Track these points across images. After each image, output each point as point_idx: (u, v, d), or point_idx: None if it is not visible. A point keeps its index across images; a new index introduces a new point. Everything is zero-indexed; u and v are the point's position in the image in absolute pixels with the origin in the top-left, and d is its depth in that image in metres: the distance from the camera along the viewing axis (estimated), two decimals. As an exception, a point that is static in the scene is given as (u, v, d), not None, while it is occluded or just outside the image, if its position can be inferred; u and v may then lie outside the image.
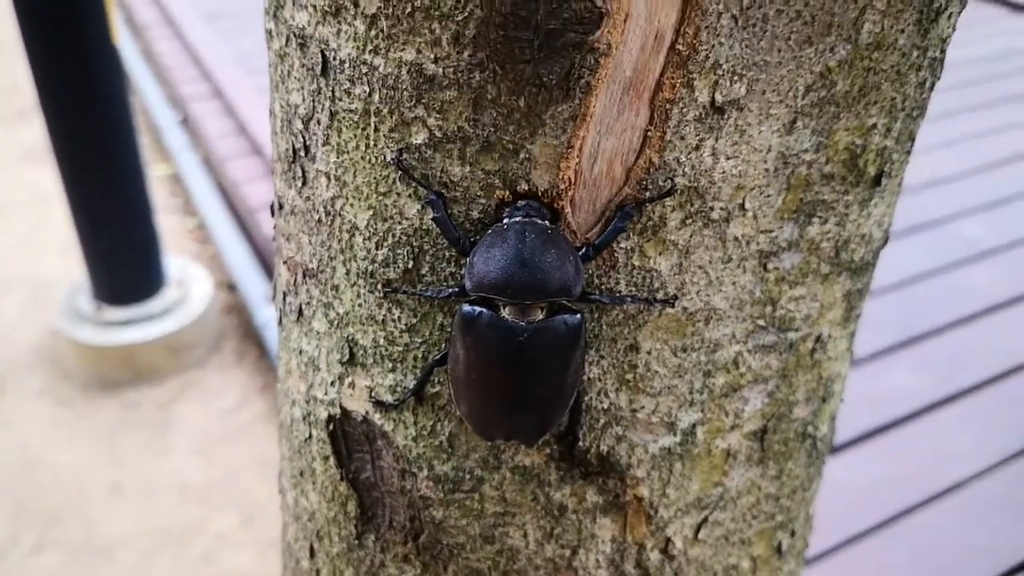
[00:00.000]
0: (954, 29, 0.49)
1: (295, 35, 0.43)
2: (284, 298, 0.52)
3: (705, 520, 0.53)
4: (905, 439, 2.17)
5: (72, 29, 2.25)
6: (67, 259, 3.23)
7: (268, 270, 3.01)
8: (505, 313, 0.41)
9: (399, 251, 0.44)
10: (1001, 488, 2.02)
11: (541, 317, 0.41)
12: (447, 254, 0.43)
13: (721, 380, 0.49)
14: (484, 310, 0.41)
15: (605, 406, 0.47)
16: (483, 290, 0.40)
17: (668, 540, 0.52)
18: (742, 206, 0.44)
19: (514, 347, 0.41)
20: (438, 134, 0.40)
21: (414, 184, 0.41)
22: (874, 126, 0.47)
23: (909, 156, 0.53)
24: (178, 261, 2.96)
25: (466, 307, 0.41)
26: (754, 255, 0.47)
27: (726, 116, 0.41)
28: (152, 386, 2.80)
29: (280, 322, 0.54)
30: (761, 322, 0.49)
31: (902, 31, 0.43)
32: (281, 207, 0.50)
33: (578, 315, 0.41)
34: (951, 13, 0.46)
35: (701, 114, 0.40)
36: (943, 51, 0.49)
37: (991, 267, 2.81)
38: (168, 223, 3.32)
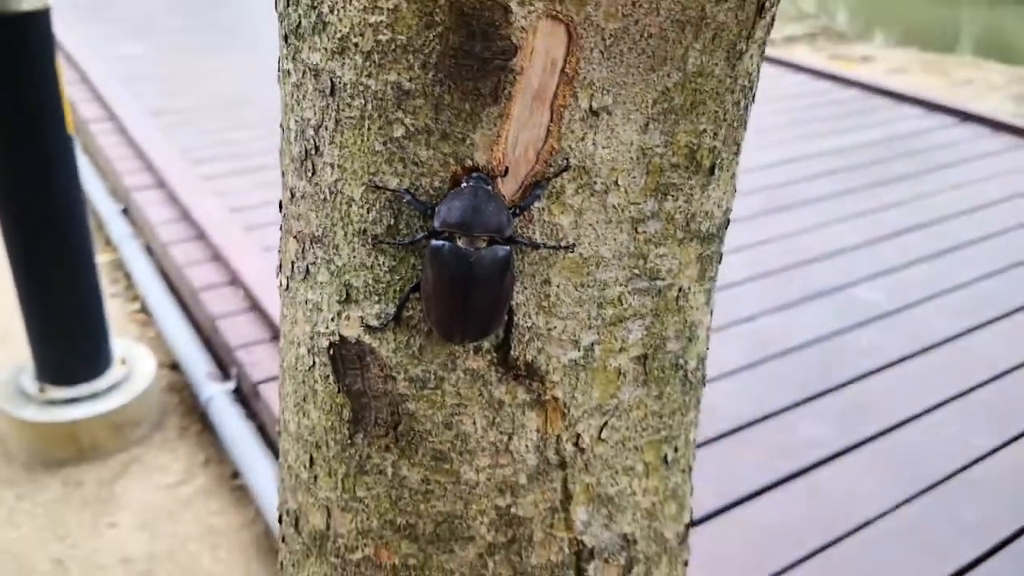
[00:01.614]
0: (758, 68, 0.72)
1: (310, 69, 0.64)
2: (292, 265, 0.71)
3: (606, 424, 0.72)
4: (816, 483, 2.36)
5: (29, 118, 2.36)
6: (9, 344, 3.27)
7: (211, 349, 3.11)
8: (460, 244, 0.61)
9: (384, 213, 0.64)
10: (904, 524, 2.20)
11: (484, 247, 0.62)
12: (417, 214, 0.63)
13: (610, 312, 0.69)
14: (446, 242, 0.61)
15: (528, 325, 0.66)
16: (446, 226, 0.60)
17: (579, 436, 0.71)
18: (616, 183, 0.65)
19: (466, 267, 0.61)
20: (411, 129, 0.61)
21: (390, 190, 0.63)
22: (704, 130, 0.68)
23: (737, 156, 0.74)
24: (122, 341, 3.03)
25: (434, 242, 0.61)
26: (627, 220, 0.67)
27: (600, 118, 0.62)
28: (95, 464, 2.83)
29: (287, 287, 0.73)
30: (636, 271, 0.69)
31: (716, 64, 0.65)
32: (292, 196, 0.69)
33: (508, 248, 0.62)
34: (752, 54, 0.69)
35: (584, 116, 0.61)
36: (751, 82, 0.71)
37: (884, 329, 3.08)
38: (110, 307, 3.40)
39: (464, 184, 0.61)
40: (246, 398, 2.84)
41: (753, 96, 0.72)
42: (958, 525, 2.21)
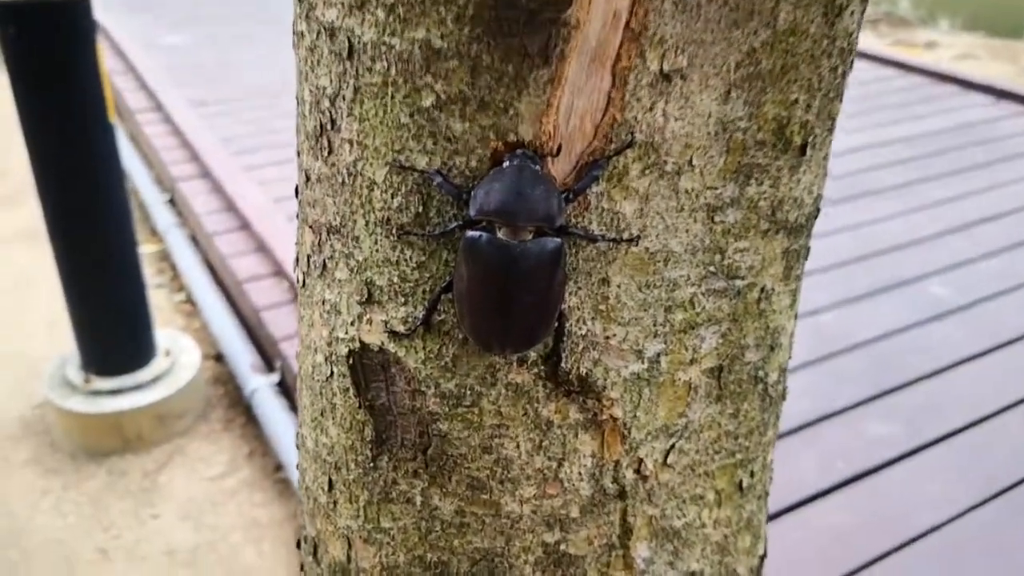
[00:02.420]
0: (859, 26, 0.60)
1: (325, 29, 0.54)
2: (308, 260, 0.61)
3: (672, 447, 0.62)
4: (882, 486, 2.25)
5: (70, 106, 2.34)
6: (55, 335, 3.29)
7: (255, 341, 3.07)
8: (501, 234, 0.51)
9: (411, 199, 0.53)
10: (975, 532, 2.07)
11: (530, 239, 0.51)
12: (450, 199, 0.53)
13: (680, 316, 0.58)
14: (484, 233, 0.51)
15: (583, 332, 0.56)
16: (484, 214, 0.50)
17: (641, 461, 0.60)
18: (690, 163, 0.54)
19: (508, 261, 0.50)
20: (443, 97, 0.50)
21: (417, 171, 0.52)
22: (796, 101, 0.57)
23: (831, 134, 0.63)
24: (167, 332, 3.02)
25: (470, 233, 0.51)
26: (702, 208, 0.56)
27: (672, 83, 0.51)
28: (139, 455, 2.84)
29: (303, 284, 0.63)
30: (711, 268, 0.58)
31: (812, 21, 0.54)
32: (308, 179, 0.59)
33: (559, 240, 0.51)
34: (853, 11, 0.57)
35: (652, 80, 0.51)
36: (850, 44, 0.59)
37: (955, 324, 2.94)
38: (156, 298, 3.40)
39: (507, 163, 0.50)
40: (290, 391, 2.79)
41: (851, 63, 0.61)
42: (1035, 531, 2.08)
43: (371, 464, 0.60)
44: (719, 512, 0.67)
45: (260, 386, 2.81)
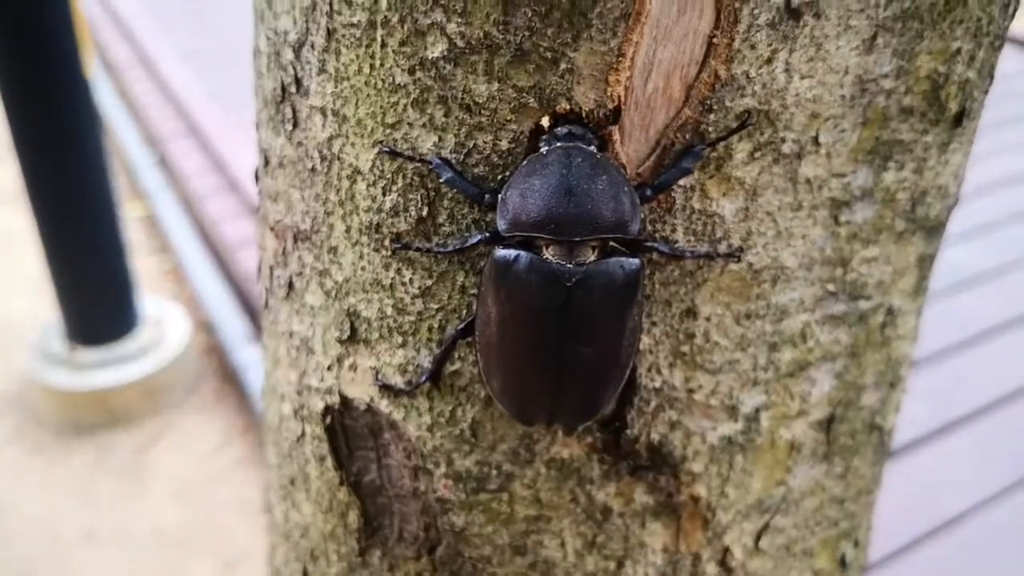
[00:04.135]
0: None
1: (283, -59, 0.36)
2: (271, 273, 0.44)
3: (767, 526, 0.45)
4: (907, 469, 2.13)
5: (44, 63, 2.21)
6: (38, 301, 3.16)
7: (248, 309, 2.94)
8: (549, 255, 0.33)
9: (411, 196, 0.36)
10: (1006, 518, 1.95)
11: (593, 259, 0.33)
12: (469, 199, 0.35)
13: (788, 356, 0.42)
14: (523, 252, 0.33)
15: (657, 385, 0.39)
16: (521, 228, 0.32)
17: (726, 550, 0.44)
18: (815, 140, 0.38)
19: (560, 296, 0.33)
20: (460, 43, 0.33)
21: (417, 161, 0.34)
22: (958, 51, 0.40)
23: (986, 98, 0.46)
24: (154, 300, 2.88)
25: (500, 250, 0.33)
26: (825, 204, 0.40)
27: (802, 23, 0.35)
28: (128, 430, 2.72)
29: (267, 304, 0.46)
30: (831, 287, 0.42)
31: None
32: (267, 163, 0.42)
33: (636, 259, 0.34)
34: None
35: (774, 18, 0.34)
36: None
37: (982, 293, 2.80)
38: (144, 264, 3.26)
39: (554, 145, 0.33)
40: (284, 363, 2.64)
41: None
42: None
43: (358, 559, 0.43)
44: (816, 597, 0.51)
45: (253, 357, 2.67)
